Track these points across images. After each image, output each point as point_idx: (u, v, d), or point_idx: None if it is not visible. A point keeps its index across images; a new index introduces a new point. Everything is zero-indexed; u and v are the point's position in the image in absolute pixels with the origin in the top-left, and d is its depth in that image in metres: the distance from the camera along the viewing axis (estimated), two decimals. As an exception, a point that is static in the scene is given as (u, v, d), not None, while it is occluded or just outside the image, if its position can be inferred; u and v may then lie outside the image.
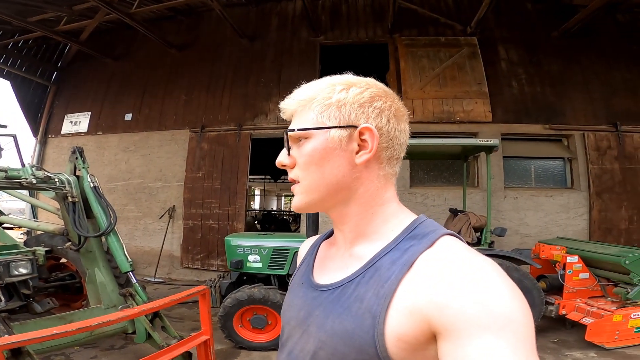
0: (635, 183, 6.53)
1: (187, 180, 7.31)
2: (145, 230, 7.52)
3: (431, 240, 0.56)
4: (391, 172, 0.65)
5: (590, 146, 6.60)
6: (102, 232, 2.95)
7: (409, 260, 0.55)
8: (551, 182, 6.94)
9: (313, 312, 0.62)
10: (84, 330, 1.76)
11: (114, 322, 1.96)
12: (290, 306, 0.70)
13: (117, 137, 7.92)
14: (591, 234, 6.42)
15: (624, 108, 6.76)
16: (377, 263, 0.58)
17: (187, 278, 7.07)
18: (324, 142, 0.61)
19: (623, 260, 3.89)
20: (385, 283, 0.54)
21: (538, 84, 6.92)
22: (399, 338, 0.51)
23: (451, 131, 6.64)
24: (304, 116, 0.63)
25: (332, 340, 0.56)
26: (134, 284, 2.92)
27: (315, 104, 0.62)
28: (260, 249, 4.02)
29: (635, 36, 7.19)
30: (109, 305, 2.91)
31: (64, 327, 1.72)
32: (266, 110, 7.21)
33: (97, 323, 1.87)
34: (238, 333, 3.65)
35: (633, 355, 3.50)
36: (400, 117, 0.64)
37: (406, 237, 0.59)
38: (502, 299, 0.46)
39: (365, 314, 0.54)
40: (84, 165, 3.20)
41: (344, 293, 0.59)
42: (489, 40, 7.12)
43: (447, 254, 0.53)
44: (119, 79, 8.31)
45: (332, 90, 0.62)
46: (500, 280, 0.48)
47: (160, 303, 2.37)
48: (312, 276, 0.69)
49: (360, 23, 7.58)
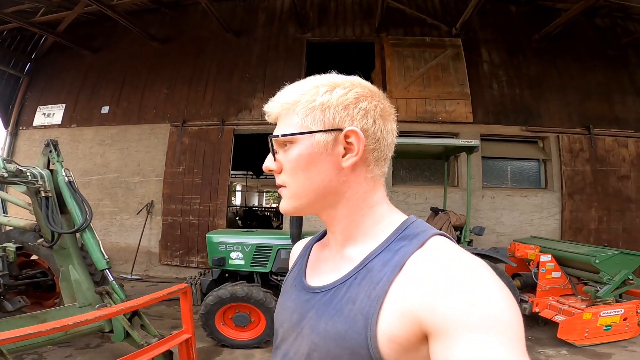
0: (605, 185, 6.83)
1: (167, 175, 7.14)
2: (122, 226, 7.30)
3: (421, 241, 0.56)
4: (379, 173, 0.64)
5: (564, 148, 6.85)
6: (77, 229, 2.84)
7: (400, 261, 0.55)
8: (526, 182, 7.17)
9: (306, 314, 0.62)
10: (60, 330, 1.69)
11: (90, 321, 1.89)
12: (284, 309, 0.70)
13: (93, 130, 7.64)
14: (563, 234, 6.67)
15: (597, 112, 7.05)
16: (369, 265, 0.58)
17: (166, 275, 6.92)
18: (309, 147, 0.60)
19: (593, 259, 4.00)
20: (377, 285, 0.54)
21: (517, 86, 7.12)
22: (391, 339, 0.51)
23: (433, 131, 6.74)
24: (288, 120, 0.62)
25: (325, 342, 0.56)
26: (110, 282, 2.83)
27: (300, 107, 0.61)
28: (242, 246, 3.97)
29: (612, 41, 7.48)
30: (84, 303, 2.81)
31: (38, 327, 1.64)
32: (250, 105, 7.12)
33: (73, 322, 1.80)
34: (220, 331, 3.61)
35: (602, 353, 3.58)
36: (386, 116, 0.63)
37: (397, 238, 0.59)
38: (492, 298, 0.46)
39: (358, 316, 0.54)
40: (59, 159, 3.06)
41: (336, 295, 0.59)
42: (473, 41, 7.26)
43: (437, 254, 0.54)
44: (97, 71, 8.03)
45: (316, 92, 0.60)
46: (490, 280, 0.48)
47: (139, 302, 2.30)
48: (304, 278, 0.69)
49: (347, 21, 7.58)
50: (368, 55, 7.44)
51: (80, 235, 2.89)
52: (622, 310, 3.83)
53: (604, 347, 3.70)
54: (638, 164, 6.90)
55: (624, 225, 6.78)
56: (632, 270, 4.04)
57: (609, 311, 3.82)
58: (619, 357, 3.40)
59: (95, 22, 8.26)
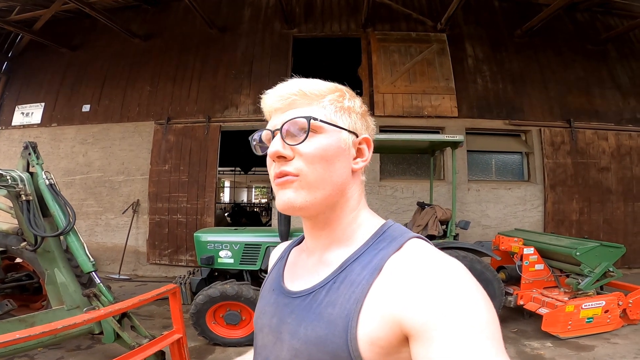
0: (585, 177, 7.02)
1: (153, 174, 7.04)
2: (107, 225, 7.18)
3: (399, 244, 0.58)
4: (364, 179, 0.69)
5: (546, 141, 7.00)
6: (61, 232, 2.79)
7: (379, 264, 0.56)
8: (510, 175, 7.32)
9: (285, 319, 0.62)
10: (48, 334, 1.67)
11: (79, 324, 1.87)
12: (263, 313, 0.70)
13: (74, 129, 7.46)
14: (545, 225, 6.84)
15: (577, 105, 7.23)
16: (348, 268, 0.59)
17: (155, 274, 6.86)
18: (337, 141, 0.61)
19: (574, 252, 4.02)
20: (356, 288, 0.55)
21: (500, 81, 7.23)
22: (372, 342, 0.51)
23: (419, 125, 6.81)
24: (311, 109, 0.61)
25: (307, 347, 0.56)
26: (97, 284, 2.80)
27: (328, 101, 0.62)
28: (231, 244, 3.96)
29: (592, 35, 7.65)
30: (72, 306, 2.77)
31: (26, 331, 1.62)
32: (237, 102, 7.05)
33: (62, 326, 1.79)
34: (212, 330, 3.60)
35: (585, 345, 3.61)
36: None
37: (375, 241, 0.61)
38: (468, 298, 0.48)
39: (337, 320, 0.54)
40: (38, 162, 2.99)
41: (316, 299, 0.59)
42: (458, 36, 7.33)
43: (414, 256, 0.55)
44: (76, 69, 7.82)
45: (343, 96, 0.64)
46: (466, 281, 0.50)
47: (128, 304, 2.29)
48: (282, 282, 0.69)
49: (334, 16, 7.55)
50: (354, 50, 7.44)
51: (65, 238, 2.84)
52: (604, 302, 3.88)
53: (586, 339, 3.73)
54: (617, 156, 7.12)
55: (605, 217, 7.00)
56: (612, 262, 4.10)
57: (590, 303, 3.85)
58: (602, 350, 3.47)
59: (74, 19, 8.06)
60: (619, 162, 7.12)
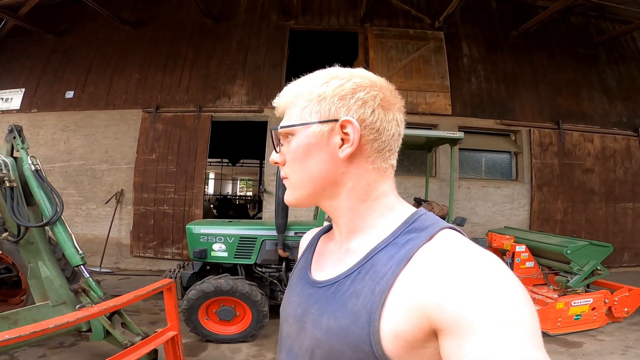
0: (571, 177, 7.19)
1: (139, 163, 6.78)
2: (88, 216, 6.90)
3: (430, 234, 0.54)
4: (384, 165, 0.62)
5: (535, 142, 7.12)
6: (47, 222, 2.61)
7: (407, 255, 0.53)
8: (499, 174, 7.42)
9: (309, 309, 0.61)
10: (40, 333, 1.54)
11: (73, 323, 1.74)
12: (289, 303, 0.69)
13: (56, 116, 7.12)
14: (531, 224, 6.98)
15: (566, 107, 7.37)
16: (374, 258, 0.57)
17: (139, 267, 6.64)
18: (305, 138, 0.60)
19: (565, 250, 4.10)
20: (381, 279, 0.53)
21: (494, 81, 7.29)
22: (397, 335, 0.49)
23: (413, 122, 6.80)
24: (290, 113, 0.63)
25: (328, 337, 0.55)
26: (86, 279, 2.64)
27: (299, 99, 0.61)
28: (225, 237, 3.84)
29: (584, 39, 7.79)
30: (58, 302, 2.60)
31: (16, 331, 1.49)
32: (230, 92, 6.86)
33: (54, 325, 1.65)
34: (204, 326, 3.48)
35: (574, 341, 3.70)
36: (388, 106, 0.61)
37: (404, 231, 0.57)
38: (504, 292, 0.44)
39: (361, 311, 0.52)
40: (24, 146, 2.79)
41: (340, 289, 0.58)
42: (454, 35, 7.33)
43: (446, 248, 0.52)
44: (61, 55, 7.48)
45: (314, 84, 0.61)
46: (502, 274, 0.47)
47: (122, 300, 2.16)
48: (309, 272, 0.68)
49: (332, 10, 7.44)
50: (351, 45, 7.35)
51: (51, 229, 2.66)
52: (591, 300, 4.00)
53: (575, 336, 3.82)
54: (602, 158, 7.31)
55: (587, 217, 7.19)
56: (600, 260, 4.22)
57: (579, 301, 3.96)
58: (590, 346, 3.56)
59: (61, 5, 7.72)
60: (602, 164, 7.32)
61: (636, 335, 3.78)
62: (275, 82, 6.77)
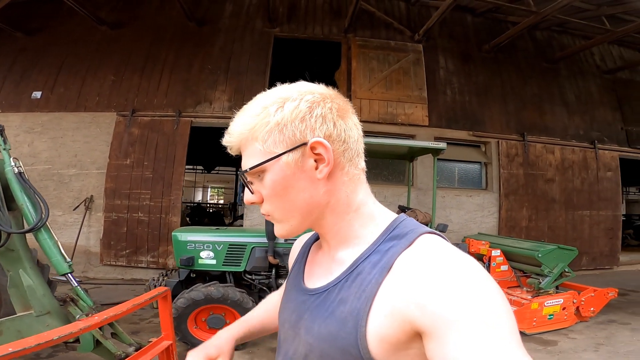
0: (534, 187, 7.68)
1: (111, 168, 6.49)
2: (54, 223, 6.43)
3: (409, 240, 0.56)
4: (356, 172, 0.63)
5: (503, 153, 7.56)
6: (32, 227, 2.44)
7: (389, 262, 0.55)
8: (471, 183, 7.79)
9: (302, 315, 0.64)
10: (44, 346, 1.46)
11: (76, 334, 1.65)
12: (285, 309, 0.72)
13: (20, 117, 6.69)
14: (500, 230, 7.37)
15: (530, 120, 7.90)
16: (359, 267, 0.58)
17: (109, 276, 6.30)
18: (279, 172, 0.59)
19: (536, 253, 4.39)
20: (366, 287, 0.55)
21: (467, 93, 7.69)
22: (382, 339, 0.51)
23: (393, 132, 7.01)
24: (251, 149, 0.60)
25: (319, 343, 0.58)
26: (74, 287, 2.49)
27: (256, 133, 0.59)
28: (214, 244, 3.75)
29: (547, 53, 8.38)
30: (42, 312, 2.43)
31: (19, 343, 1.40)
32: (211, 98, 6.75)
33: (57, 337, 1.56)
34: (194, 335, 3.37)
35: (549, 340, 3.92)
36: (344, 114, 0.62)
37: (385, 238, 0.59)
38: (482, 294, 0.46)
39: (348, 317, 0.55)
40: (5, 147, 2.61)
41: (329, 297, 0.60)
42: (432, 48, 7.66)
43: (425, 252, 0.54)
44: (29, 54, 7.09)
45: (267, 113, 0.59)
46: (478, 276, 0.48)
47: (122, 309, 2.06)
48: (302, 280, 0.71)
49: (317, 19, 7.56)
50: (334, 54, 7.48)
51: (35, 235, 2.50)
52: (562, 300, 4.29)
53: (549, 335, 4.04)
54: (562, 168, 7.88)
55: (549, 223, 7.70)
56: (567, 263, 4.54)
57: (551, 301, 4.23)
58: (565, 344, 3.79)
59: (34, 2, 7.32)
60: (562, 175, 7.88)
61: (604, 334, 4.07)
62: (259, 89, 6.51)
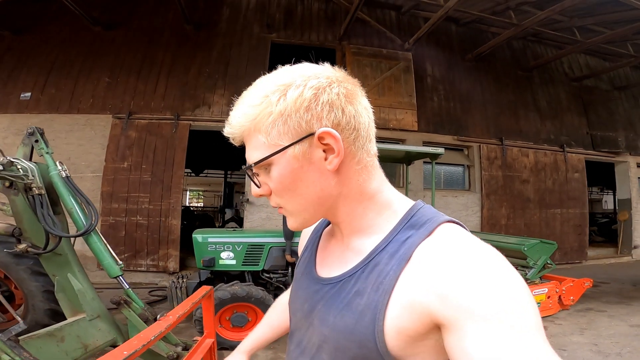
0: (512, 187, 8.30)
1: (107, 171, 6.42)
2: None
3: (429, 230, 0.54)
4: (369, 158, 0.60)
5: (484, 156, 8.13)
6: (84, 231, 2.52)
7: (407, 252, 0.53)
8: (455, 185, 8.31)
9: (316, 306, 0.63)
10: (148, 346, 1.58)
11: (163, 333, 1.80)
12: (296, 297, 0.70)
13: (8, 118, 6.48)
14: (482, 228, 7.91)
15: (507, 126, 8.53)
16: (376, 258, 0.57)
17: (107, 280, 6.18)
18: (287, 165, 0.56)
19: (523, 247, 4.86)
20: (384, 278, 0.53)
21: (452, 100, 8.20)
22: (400, 332, 0.50)
23: (385, 137, 7.37)
24: (254, 141, 0.57)
25: (334, 335, 0.57)
26: (126, 290, 2.59)
27: (259, 125, 0.55)
28: (234, 245, 3.92)
29: (522, 62, 9.05)
30: (93, 315, 2.51)
31: (127, 347, 1.52)
32: (210, 102, 6.82)
33: (154, 337, 1.71)
34: (219, 334, 3.51)
35: None
36: (353, 98, 0.57)
37: (403, 227, 0.57)
38: (504, 286, 0.45)
39: (365, 310, 0.53)
40: (48, 150, 2.68)
41: (344, 288, 0.58)
42: (420, 56, 8.09)
43: (445, 243, 0.52)
44: (18, 54, 6.87)
45: (269, 102, 0.54)
46: (501, 268, 0.47)
47: (184, 309, 2.21)
48: (314, 268, 0.69)
49: (312, 26, 7.79)
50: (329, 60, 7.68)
51: (86, 239, 2.59)
52: (546, 289, 4.78)
53: None
54: (535, 170, 8.55)
55: (525, 221, 8.34)
56: (548, 255, 5.05)
57: (538, 290, 4.69)
58: (553, 329, 4.26)
59: (20, 1, 7.07)
60: (536, 176, 8.56)
61: (585, 320, 4.60)
62: (258, 94, 6.86)
